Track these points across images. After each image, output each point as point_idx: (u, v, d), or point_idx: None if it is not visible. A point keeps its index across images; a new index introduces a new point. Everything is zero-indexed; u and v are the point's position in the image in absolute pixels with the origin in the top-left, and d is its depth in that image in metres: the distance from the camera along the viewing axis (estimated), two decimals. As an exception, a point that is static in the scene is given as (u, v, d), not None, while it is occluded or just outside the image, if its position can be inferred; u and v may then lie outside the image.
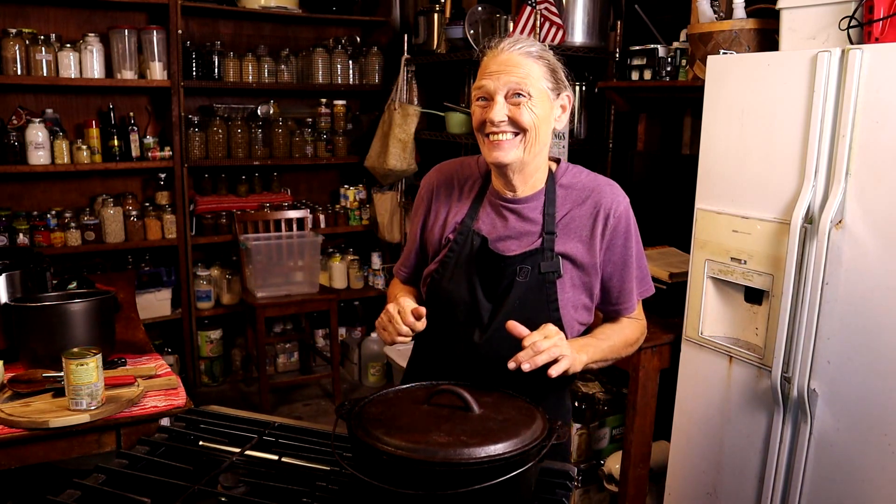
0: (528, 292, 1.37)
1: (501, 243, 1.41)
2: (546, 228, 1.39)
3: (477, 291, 1.40)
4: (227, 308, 3.99)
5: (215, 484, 1.17)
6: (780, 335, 1.86)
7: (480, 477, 0.96)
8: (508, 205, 1.42)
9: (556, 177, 1.44)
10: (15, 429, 1.60)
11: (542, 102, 1.34)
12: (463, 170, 1.52)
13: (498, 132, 1.32)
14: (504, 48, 1.33)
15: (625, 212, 1.43)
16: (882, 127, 1.64)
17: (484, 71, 1.35)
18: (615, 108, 3.11)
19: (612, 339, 1.43)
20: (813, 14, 1.96)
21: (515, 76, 1.31)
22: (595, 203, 1.41)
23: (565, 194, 1.42)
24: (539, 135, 1.34)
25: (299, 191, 4.39)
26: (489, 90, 1.33)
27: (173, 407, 1.74)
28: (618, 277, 1.44)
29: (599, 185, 1.44)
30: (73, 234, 3.49)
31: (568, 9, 3.03)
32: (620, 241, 1.42)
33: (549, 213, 1.40)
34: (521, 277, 1.37)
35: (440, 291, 1.44)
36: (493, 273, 1.39)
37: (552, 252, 1.37)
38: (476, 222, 1.44)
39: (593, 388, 2.79)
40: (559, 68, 1.38)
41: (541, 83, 1.33)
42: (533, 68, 1.32)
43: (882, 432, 1.71)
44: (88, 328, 1.94)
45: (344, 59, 4.14)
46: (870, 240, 1.69)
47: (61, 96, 3.61)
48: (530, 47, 1.34)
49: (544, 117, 1.35)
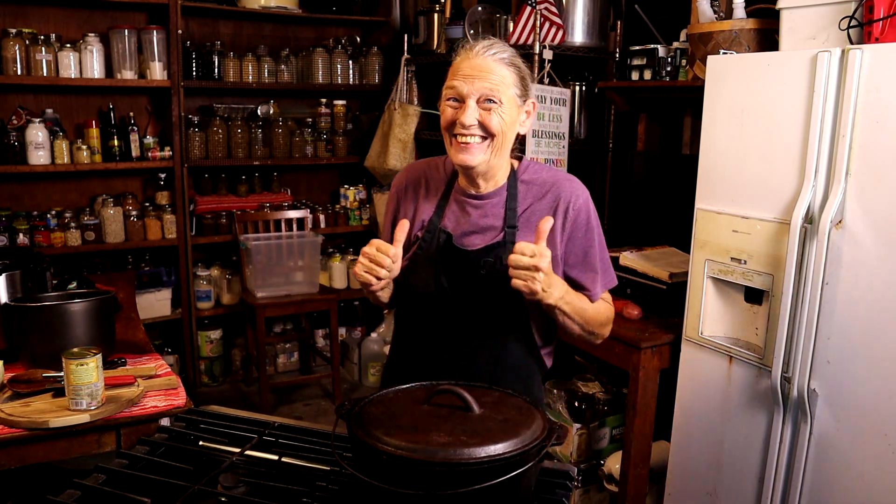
0: (490, 284, 1.41)
1: (466, 238, 1.46)
2: (508, 222, 1.44)
3: (443, 285, 1.44)
4: (227, 308, 3.99)
5: (215, 484, 1.17)
6: (780, 335, 1.86)
7: (480, 477, 0.96)
8: (472, 201, 1.47)
9: (517, 173, 1.49)
10: (15, 429, 1.60)
11: (510, 109, 1.38)
12: (430, 170, 1.57)
13: (467, 135, 1.36)
14: (479, 52, 1.37)
15: (584, 205, 1.47)
16: (882, 127, 1.64)
17: (456, 72, 1.38)
18: (615, 108, 3.11)
19: (585, 304, 1.45)
20: (813, 14, 1.96)
21: (489, 82, 1.35)
22: (555, 197, 1.46)
23: (526, 189, 1.47)
24: (505, 139, 1.40)
25: (299, 191, 4.39)
26: (462, 93, 1.36)
27: (173, 407, 1.74)
28: (580, 268, 1.48)
29: (559, 179, 1.49)
30: (73, 234, 3.49)
31: (568, 9, 3.03)
32: (581, 232, 1.46)
33: (510, 207, 1.45)
34: (485, 270, 1.41)
35: (410, 287, 1.48)
36: (458, 267, 1.44)
37: (513, 245, 1.39)
38: (442, 219, 1.49)
39: (593, 388, 2.79)
40: (527, 75, 1.44)
41: (511, 90, 1.38)
42: (505, 75, 1.37)
43: (882, 432, 1.71)
44: (88, 328, 1.94)
45: (344, 59, 4.14)
46: (870, 240, 1.69)
47: (61, 96, 3.61)
48: (503, 53, 1.38)
49: (511, 123, 1.40)
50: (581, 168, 3.29)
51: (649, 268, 2.48)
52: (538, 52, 2.91)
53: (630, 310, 2.41)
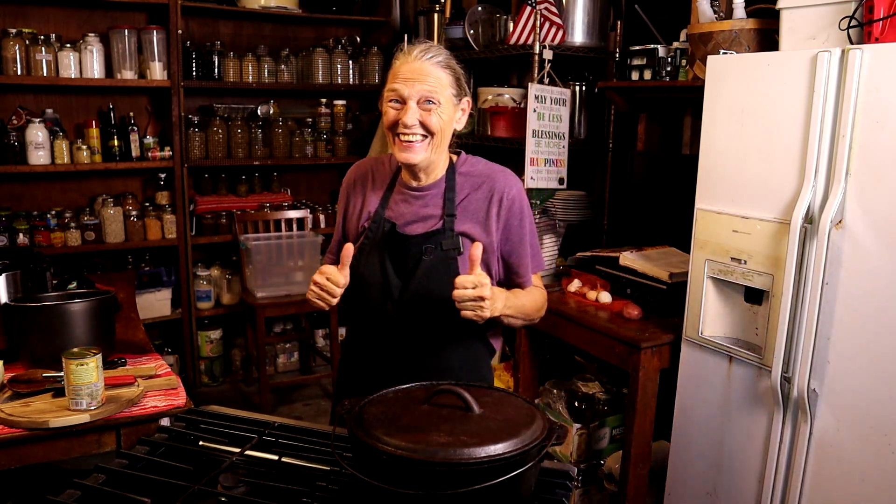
0: (432, 268, 1.52)
1: (408, 227, 1.57)
2: (447, 211, 1.56)
3: (388, 271, 1.55)
4: (227, 308, 4.00)
5: (215, 484, 1.17)
6: (780, 335, 1.86)
7: (480, 477, 0.96)
8: (414, 193, 1.59)
9: (456, 166, 1.60)
10: (15, 429, 1.60)
11: (448, 108, 1.50)
12: (376, 166, 1.69)
13: (409, 133, 1.47)
14: (417, 56, 1.48)
15: (517, 194, 1.58)
16: (882, 127, 1.64)
17: (396, 74, 1.48)
18: (615, 108, 3.11)
19: (523, 299, 1.57)
20: (813, 14, 1.96)
21: (427, 85, 1.46)
22: (490, 188, 1.57)
23: (463, 181, 1.59)
24: (444, 136, 1.51)
25: (299, 191, 4.39)
26: (402, 95, 1.47)
27: (173, 407, 1.74)
28: (516, 254, 1.60)
29: (494, 171, 1.61)
30: (73, 234, 3.49)
31: (568, 9, 3.03)
32: (516, 221, 1.58)
33: (449, 198, 1.56)
34: (427, 256, 1.53)
35: (358, 275, 1.58)
36: (401, 253, 1.56)
37: (452, 231, 1.54)
38: (387, 210, 1.61)
39: (593, 388, 2.79)
40: (462, 76, 1.55)
41: (448, 90, 1.50)
42: (441, 77, 1.48)
43: (882, 432, 1.71)
44: (88, 328, 1.94)
45: (344, 59, 4.14)
46: (870, 240, 1.69)
47: (61, 96, 3.61)
48: (439, 56, 1.49)
49: (449, 121, 1.51)
50: (581, 168, 3.30)
51: (649, 268, 2.48)
52: (538, 52, 2.91)
53: (630, 310, 2.41)
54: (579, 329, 2.51)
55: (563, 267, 3.00)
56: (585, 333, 2.48)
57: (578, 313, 2.51)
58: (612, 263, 2.63)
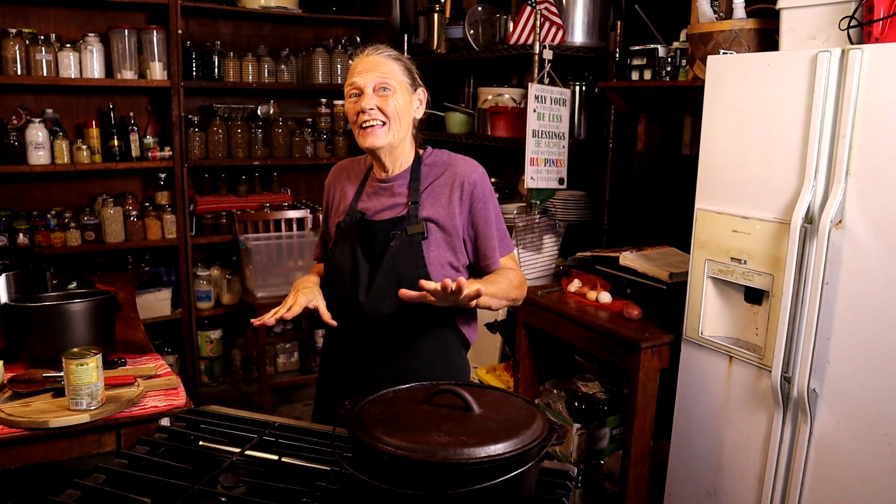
0: (398, 253, 1.62)
1: (378, 216, 1.68)
2: (412, 199, 1.65)
3: (358, 257, 1.65)
4: (227, 308, 4.00)
5: (215, 484, 1.17)
6: (780, 335, 1.86)
7: (480, 477, 0.96)
8: (382, 184, 1.70)
9: (422, 158, 1.71)
10: (15, 429, 1.60)
11: (403, 94, 1.62)
12: (353, 165, 1.81)
13: (369, 119, 1.58)
14: (369, 52, 1.63)
15: (479, 179, 1.67)
16: (882, 127, 1.64)
17: (353, 71, 1.62)
18: (615, 108, 3.11)
19: (499, 282, 1.60)
20: (813, 14, 1.96)
21: (380, 72, 1.59)
22: (452, 174, 1.67)
23: (428, 171, 1.69)
24: (402, 121, 1.62)
25: (299, 191, 4.39)
26: (359, 86, 1.59)
27: (173, 407, 1.74)
28: (482, 237, 1.67)
29: (455, 160, 1.70)
30: (73, 234, 3.49)
31: (568, 9, 3.02)
32: (479, 204, 1.66)
33: (414, 187, 1.66)
34: (394, 242, 1.62)
35: (332, 264, 1.71)
36: (370, 240, 1.66)
37: (416, 217, 1.63)
38: (360, 203, 1.72)
39: (593, 388, 2.79)
40: (413, 69, 1.68)
41: (400, 77, 1.62)
42: (393, 67, 1.62)
43: (882, 432, 1.71)
44: (88, 328, 1.94)
45: (344, 59, 4.14)
46: (870, 240, 1.69)
47: (61, 96, 3.61)
48: (389, 51, 1.65)
49: (405, 106, 1.63)
50: (581, 168, 3.30)
51: (649, 268, 2.48)
52: (538, 52, 2.91)
53: (630, 310, 2.41)
54: (579, 329, 2.51)
55: (563, 267, 3.00)
56: (585, 333, 2.48)
57: (578, 313, 2.51)
58: (612, 263, 2.63)
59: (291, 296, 1.60)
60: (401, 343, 1.66)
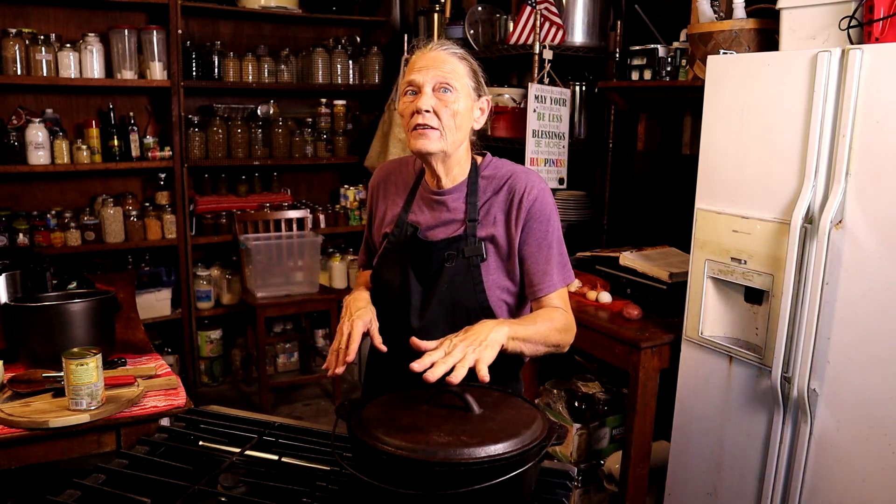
0: (455, 276, 1.47)
1: (430, 232, 1.52)
2: (469, 216, 1.49)
3: (410, 277, 1.50)
4: (227, 308, 3.99)
5: (215, 484, 1.17)
6: (780, 335, 1.86)
7: (480, 477, 0.96)
8: (436, 196, 1.53)
9: (479, 169, 1.54)
10: (15, 429, 1.60)
11: (465, 98, 1.44)
12: (401, 168, 1.64)
13: (424, 123, 1.41)
14: (433, 47, 1.46)
15: (539, 195, 1.48)
16: (882, 127, 1.64)
17: (412, 67, 1.45)
18: (615, 108, 3.11)
19: (537, 325, 1.41)
20: (813, 14, 1.96)
21: (442, 70, 1.42)
22: (510, 188, 1.50)
23: (486, 184, 1.52)
24: (459, 129, 1.45)
25: (299, 191, 4.39)
26: (418, 83, 1.42)
27: (173, 407, 1.74)
28: (532, 259, 1.48)
29: (516, 172, 1.53)
30: (73, 234, 3.49)
31: (568, 9, 3.03)
32: (536, 223, 1.48)
33: (471, 202, 1.50)
34: (449, 263, 1.47)
35: (380, 280, 1.56)
36: (423, 259, 1.50)
37: (475, 237, 1.47)
38: (410, 214, 1.56)
39: (593, 388, 2.79)
40: (480, 73, 1.51)
41: (464, 80, 1.45)
42: (458, 66, 1.44)
43: (882, 432, 1.71)
44: (88, 328, 1.94)
45: (344, 59, 4.14)
46: (870, 240, 1.69)
47: (61, 96, 3.61)
48: (455, 49, 1.47)
49: (466, 112, 1.45)
50: (581, 168, 3.30)
51: (649, 268, 2.48)
52: (538, 52, 2.91)
53: (630, 310, 2.41)
54: (579, 329, 2.49)
55: (563, 267, 2.99)
56: (585, 333, 2.48)
57: (578, 313, 2.50)
58: (612, 263, 2.63)
59: (346, 321, 1.42)
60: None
